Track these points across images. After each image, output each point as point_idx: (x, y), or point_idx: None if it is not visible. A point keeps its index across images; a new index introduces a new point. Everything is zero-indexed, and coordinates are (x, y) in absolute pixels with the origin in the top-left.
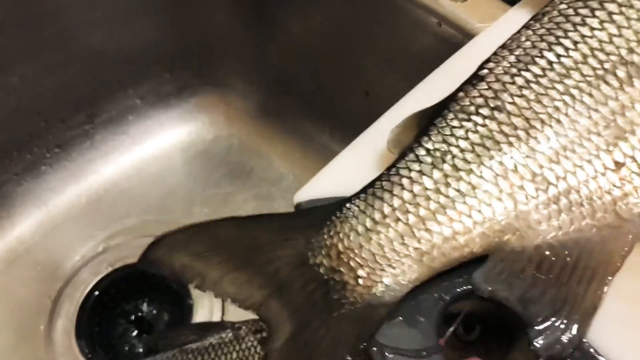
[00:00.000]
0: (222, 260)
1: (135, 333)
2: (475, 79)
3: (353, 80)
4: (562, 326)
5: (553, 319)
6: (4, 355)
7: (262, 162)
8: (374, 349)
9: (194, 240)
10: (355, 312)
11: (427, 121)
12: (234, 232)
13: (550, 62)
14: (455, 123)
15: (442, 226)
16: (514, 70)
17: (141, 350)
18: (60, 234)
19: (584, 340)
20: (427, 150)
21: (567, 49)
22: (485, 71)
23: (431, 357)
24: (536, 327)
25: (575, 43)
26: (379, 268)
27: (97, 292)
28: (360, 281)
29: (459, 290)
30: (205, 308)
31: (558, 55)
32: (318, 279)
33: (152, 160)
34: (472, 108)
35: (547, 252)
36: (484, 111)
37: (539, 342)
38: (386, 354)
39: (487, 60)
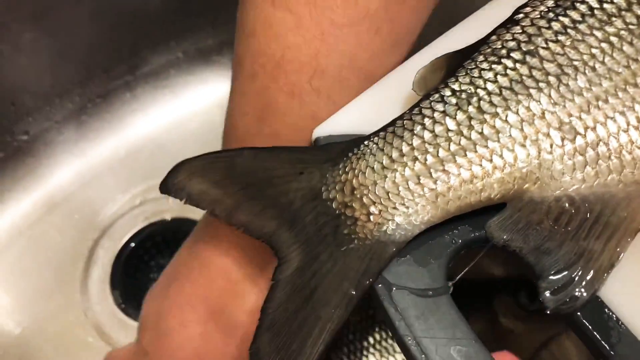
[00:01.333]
0: (238, 189)
1: None
2: (509, 22)
3: None
4: (575, 281)
5: (566, 273)
6: (40, 301)
7: None
8: (380, 285)
9: (212, 167)
10: (364, 248)
11: (456, 63)
12: (251, 162)
13: (591, 8)
14: (484, 65)
15: (460, 168)
16: (551, 15)
17: None
18: (99, 185)
19: (597, 296)
20: (453, 91)
21: None
22: (521, 15)
23: (439, 297)
24: (547, 279)
25: None
26: (391, 206)
27: (133, 244)
28: (372, 218)
29: (472, 235)
30: None
31: (600, 2)
32: (330, 213)
33: (192, 115)
34: (504, 51)
35: (567, 205)
36: (516, 55)
37: (548, 294)
38: (393, 289)
39: (524, 5)
